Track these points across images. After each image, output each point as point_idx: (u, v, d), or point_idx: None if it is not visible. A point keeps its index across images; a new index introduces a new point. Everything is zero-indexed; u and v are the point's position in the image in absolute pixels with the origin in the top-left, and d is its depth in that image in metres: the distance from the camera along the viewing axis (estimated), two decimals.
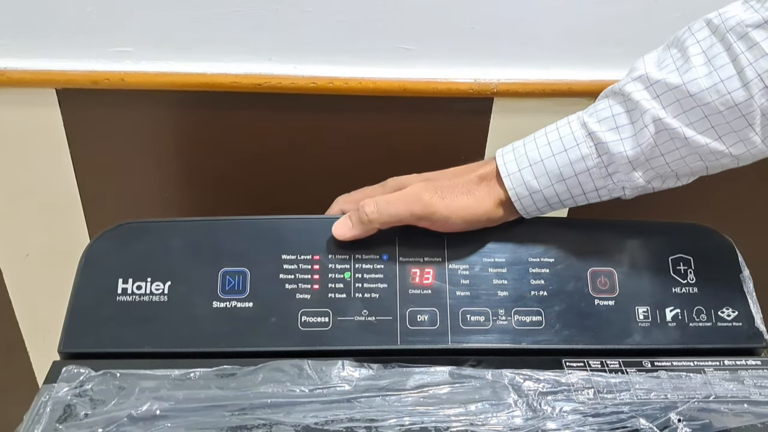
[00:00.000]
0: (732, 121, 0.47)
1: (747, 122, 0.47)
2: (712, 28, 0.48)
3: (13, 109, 0.71)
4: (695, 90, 0.47)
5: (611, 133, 0.50)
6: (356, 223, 0.52)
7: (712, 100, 0.47)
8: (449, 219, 0.51)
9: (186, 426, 0.44)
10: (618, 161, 0.50)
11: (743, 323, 0.53)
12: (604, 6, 0.68)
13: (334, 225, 0.52)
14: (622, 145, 0.50)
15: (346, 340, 0.51)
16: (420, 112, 0.73)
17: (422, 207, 0.51)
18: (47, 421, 0.45)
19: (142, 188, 0.77)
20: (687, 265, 0.54)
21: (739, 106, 0.46)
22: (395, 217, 0.51)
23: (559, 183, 0.51)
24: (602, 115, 0.51)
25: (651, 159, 0.50)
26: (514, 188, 0.52)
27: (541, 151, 0.52)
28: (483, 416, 0.46)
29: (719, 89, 0.46)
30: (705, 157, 0.49)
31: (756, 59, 0.45)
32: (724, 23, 0.47)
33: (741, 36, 0.46)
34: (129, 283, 0.51)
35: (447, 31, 0.68)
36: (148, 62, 0.69)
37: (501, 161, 0.53)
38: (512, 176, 0.52)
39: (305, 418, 0.45)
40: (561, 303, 0.52)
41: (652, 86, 0.49)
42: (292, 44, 0.68)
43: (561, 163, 0.51)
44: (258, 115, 0.73)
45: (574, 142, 0.51)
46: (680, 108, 0.48)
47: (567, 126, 0.52)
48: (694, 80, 0.47)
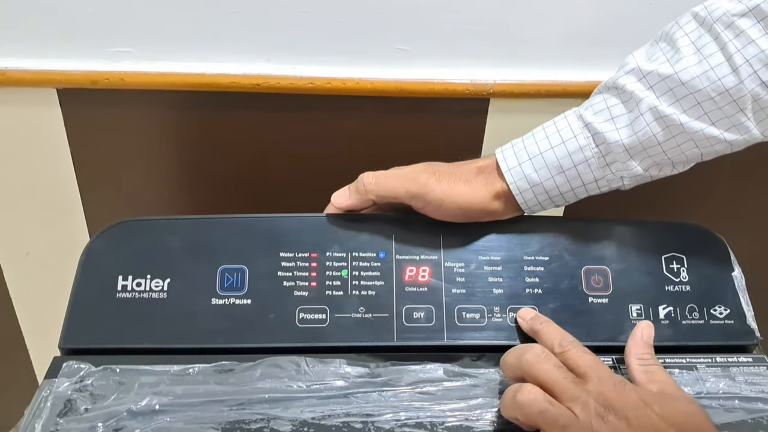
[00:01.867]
0: (724, 106, 0.48)
1: (738, 107, 0.48)
2: (699, 20, 0.49)
3: (14, 108, 0.71)
4: (687, 78, 0.48)
5: (607, 123, 0.51)
6: (353, 192, 0.53)
7: (703, 87, 0.48)
8: (443, 202, 0.52)
9: (185, 420, 0.45)
10: (615, 150, 0.51)
11: (735, 321, 0.53)
12: (599, 7, 0.68)
13: (334, 194, 0.54)
14: (618, 134, 0.51)
15: (343, 336, 0.51)
16: (417, 112, 0.73)
17: (418, 186, 0.52)
18: (48, 415, 0.45)
19: (141, 187, 0.78)
20: (680, 264, 0.55)
21: (729, 92, 0.47)
22: (391, 191, 0.52)
23: (559, 175, 0.52)
24: (598, 108, 0.52)
25: (648, 147, 0.51)
26: (515, 182, 0.53)
27: (540, 145, 0.53)
28: (478, 412, 0.46)
29: (710, 76, 0.48)
30: (700, 144, 0.50)
31: (743, 46, 0.47)
32: (710, 14, 0.48)
33: (728, 25, 0.47)
34: (129, 280, 0.52)
35: (443, 32, 0.69)
36: (147, 62, 0.69)
37: (501, 157, 0.54)
38: (513, 170, 0.53)
39: (302, 413, 0.46)
40: (555, 300, 0.53)
41: (645, 77, 0.50)
42: (290, 45, 0.69)
43: (560, 155, 0.52)
44: (256, 115, 0.73)
45: (572, 134, 0.52)
46: (673, 96, 0.49)
47: (564, 120, 0.53)
48: (685, 69, 0.48)
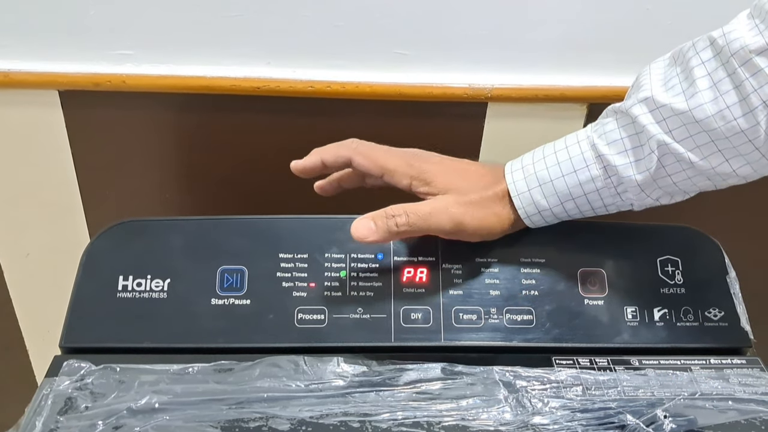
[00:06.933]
0: (739, 146, 0.47)
1: (754, 146, 0.47)
2: (716, 49, 0.47)
3: (16, 110, 0.71)
4: (701, 116, 0.46)
5: (620, 156, 0.50)
6: (382, 230, 0.50)
7: (718, 126, 0.46)
8: (472, 237, 0.53)
9: (184, 419, 0.45)
10: (627, 183, 0.50)
11: (729, 323, 0.54)
12: (597, 12, 0.69)
13: (354, 225, 0.51)
14: (631, 169, 0.50)
15: (341, 337, 0.52)
16: (415, 115, 0.74)
17: (454, 225, 0.51)
18: (48, 413, 0.45)
19: (142, 189, 0.78)
20: (675, 267, 0.55)
21: (745, 132, 0.46)
22: (424, 232, 0.52)
23: (568, 202, 0.52)
24: (611, 138, 0.51)
25: (658, 179, 0.50)
26: (524, 207, 0.52)
27: (551, 172, 0.52)
28: (474, 411, 0.47)
29: (725, 115, 0.46)
30: (712, 178, 0.50)
31: (761, 86, 0.45)
32: (728, 45, 0.46)
33: (744, 61, 0.45)
34: (129, 280, 0.52)
35: (442, 36, 0.69)
36: (149, 65, 0.70)
37: (510, 179, 0.53)
38: (522, 196, 0.52)
39: (301, 412, 0.46)
40: (551, 302, 0.54)
41: (658, 110, 0.48)
42: (290, 48, 0.69)
43: (570, 184, 0.51)
44: (256, 118, 0.74)
45: (584, 164, 0.51)
46: (687, 132, 0.48)
47: (576, 146, 0.52)
48: (700, 106, 0.46)
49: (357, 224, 0.51)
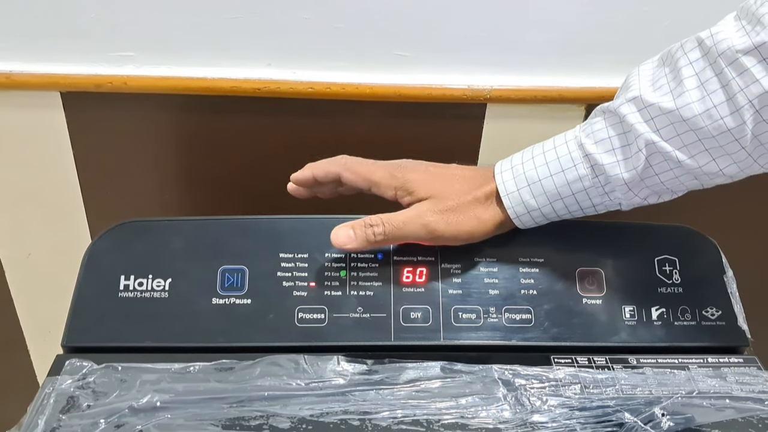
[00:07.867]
0: (725, 144, 0.47)
1: (740, 146, 0.47)
2: (704, 50, 0.47)
3: (17, 111, 0.72)
4: (688, 115, 0.47)
5: (608, 155, 0.50)
6: (360, 239, 0.52)
7: (705, 125, 0.47)
8: (452, 241, 0.54)
9: (185, 417, 0.46)
10: (615, 182, 0.51)
11: (726, 322, 0.54)
12: (595, 14, 0.69)
13: (334, 232, 0.53)
14: (618, 168, 0.50)
15: (341, 336, 0.52)
16: (415, 117, 0.74)
17: (427, 233, 0.52)
18: (51, 411, 0.46)
19: (143, 190, 0.79)
20: (672, 266, 0.56)
21: (731, 131, 0.46)
22: (401, 240, 0.54)
23: (556, 201, 0.52)
24: (598, 137, 0.51)
25: (645, 178, 0.50)
26: (512, 207, 0.53)
27: (539, 171, 0.52)
28: (473, 409, 0.47)
29: (712, 114, 0.46)
30: (699, 177, 0.50)
31: (747, 85, 0.45)
32: (715, 46, 0.46)
33: (731, 61, 0.45)
34: (131, 279, 0.53)
35: (441, 38, 0.69)
36: (150, 66, 0.70)
37: (500, 179, 0.53)
38: (511, 195, 0.53)
39: (301, 410, 0.47)
40: (550, 301, 0.54)
41: (646, 109, 0.49)
42: (290, 50, 0.70)
43: (559, 184, 0.52)
44: (257, 119, 0.74)
45: (572, 163, 0.51)
46: (674, 131, 0.48)
47: (564, 146, 0.52)
48: (687, 105, 0.47)
49: (337, 232, 0.53)
